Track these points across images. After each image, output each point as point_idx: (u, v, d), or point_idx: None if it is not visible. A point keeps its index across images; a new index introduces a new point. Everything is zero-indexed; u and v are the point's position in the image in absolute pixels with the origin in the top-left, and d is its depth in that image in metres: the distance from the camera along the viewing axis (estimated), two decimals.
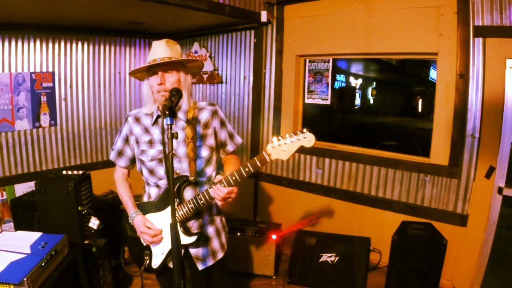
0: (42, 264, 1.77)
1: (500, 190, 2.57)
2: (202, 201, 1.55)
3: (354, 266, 2.82)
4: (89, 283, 2.26)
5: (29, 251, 1.86)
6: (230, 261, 2.78)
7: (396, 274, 2.49)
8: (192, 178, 1.61)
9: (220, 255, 1.76)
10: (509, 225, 3.01)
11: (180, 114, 1.64)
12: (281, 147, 1.40)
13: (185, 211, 1.58)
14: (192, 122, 1.64)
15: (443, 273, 2.46)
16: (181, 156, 1.62)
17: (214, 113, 1.70)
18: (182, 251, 1.59)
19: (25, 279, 1.61)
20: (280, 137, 1.41)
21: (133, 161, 1.78)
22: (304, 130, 1.39)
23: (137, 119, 1.70)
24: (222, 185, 1.48)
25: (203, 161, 1.66)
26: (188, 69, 1.66)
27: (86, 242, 2.33)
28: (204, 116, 1.68)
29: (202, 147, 1.66)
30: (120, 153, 1.77)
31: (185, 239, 1.60)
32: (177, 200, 1.58)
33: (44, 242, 1.95)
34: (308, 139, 1.39)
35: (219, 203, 1.54)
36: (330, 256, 2.89)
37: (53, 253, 1.89)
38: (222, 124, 1.73)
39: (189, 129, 1.63)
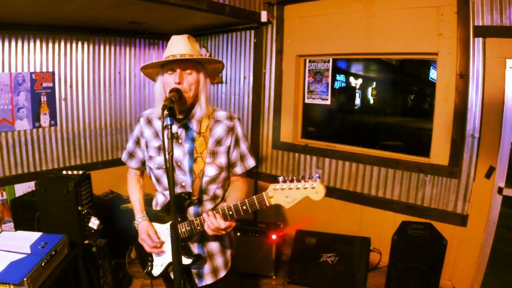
0: (42, 264, 1.77)
1: (500, 190, 2.57)
2: (199, 227, 1.44)
3: (354, 266, 2.82)
4: (89, 283, 2.26)
5: (29, 251, 1.86)
6: None
7: (396, 274, 2.49)
8: (195, 198, 1.49)
9: (222, 273, 1.62)
10: (509, 225, 3.01)
11: (193, 123, 1.49)
12: (284, 193, 1.26)
13: (183, 231, 1.48)
14: (205, 134, 1.49)
15: (443, 273, 2.46)
16: (186, 170, 1.50)
17: (231, 130, 1.53)
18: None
19: (25, 279, 1.61)
20: (286, 179, 1.25)
21: (145, 163, 1.66)
22: (316, 176, 1.22)
23: (149, 121, 1.57)
24: (218, 216, 1.36)
25: (208, 179, 1.51)
26: (207, 71, 1.50)
27: (86, 242, 2.33)
28: (218, 131, 1.51)
29: (210, 164, 1.50)
30: (131, 155, 1.67)
31: (182, 260, 1.47)
32: (179, 219, 1.48)
33: (44, 242, 1.95)
34: (316, 190, 1.22)
35: (210, 232, 1.39)
36: (330, 256, 2.89)
37: (53, 253, 1.89)
38: (237, 142, 1.55)
39: (199, 142, 1.48)
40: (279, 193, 1.27)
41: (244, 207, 1.33)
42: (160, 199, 1.63)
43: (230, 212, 1.36)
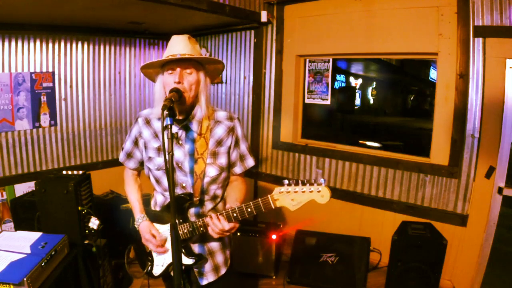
0: (42, 264, 1.77)
1: (500, 190, 2.57)
2: (201, 228, 1.44)
3: (354, 266, 2.82)
4: (89, 283, 2.26)
5: (29, 251, 1.86)
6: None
7: (396, 274, 2.49)
8: (196, 199, 1.49)
9: (223, 270, 1.63)
10: (509, 225, 3.01)
11: (193, 124, 1.48)
12: (290, 196, 1.27)
13: (185, 232, 1.47)
14: (205, 135, 1.48)
15: (443, 273, 2.46)
16: (187, 171, 1.49)
17: (231, 130, 1.53)
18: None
19: (25, 279, 1.61)
20: (291, 182, 1.27)
21: (143, 163, 1.65)
22: (321, 181, 1.25)
23: (148, 122, 1.56)
24: (222, 218, 1.36)
25: (209, 179, 1.51)
26: (207, 72, 1.49)
27: (86, 242, 2.33)
28: (219, 131, 1.51)
29: (211, 165, 1.50)
30: (129, 155, 1.66)
31: (183, 259, 1.47)
32: (180, 220, 1.47)
33: (44, 242, 1.95)
34: (322, 193, 1.24)
35: (215, 235, 1.40)
36: (330, 256, 2.89)
37: (53, 253, 1.89)
38: (237, 143, 1.56)
39: (200, 143, 1.48)
40: (285, 196, 1.28)
41: (249, 209, 1.34)
42: (159, 199, 1.62)
43: (235, 214, 1.36)
